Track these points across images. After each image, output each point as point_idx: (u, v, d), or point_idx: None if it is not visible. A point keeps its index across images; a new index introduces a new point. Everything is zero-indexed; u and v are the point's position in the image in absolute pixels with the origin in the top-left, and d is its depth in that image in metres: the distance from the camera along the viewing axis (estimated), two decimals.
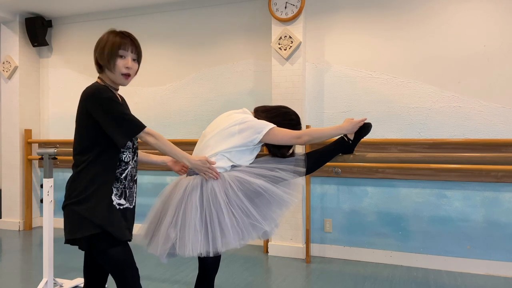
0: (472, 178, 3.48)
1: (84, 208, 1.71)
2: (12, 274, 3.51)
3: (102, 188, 1.73)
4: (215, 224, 1.83)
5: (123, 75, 1.79)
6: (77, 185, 1.74)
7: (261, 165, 2.00)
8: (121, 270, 1.76)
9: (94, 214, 1.70)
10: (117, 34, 1.80)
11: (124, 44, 1.78)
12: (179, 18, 4.63)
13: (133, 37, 1.84)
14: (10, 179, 5.10)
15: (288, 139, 1.95)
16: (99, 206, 1.71)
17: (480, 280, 3.31)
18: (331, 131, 2.02)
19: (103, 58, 1.77)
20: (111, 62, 1.76)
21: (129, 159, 1.82)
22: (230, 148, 1.94)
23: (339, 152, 2.13)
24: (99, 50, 1.79)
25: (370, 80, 3.82)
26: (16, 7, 4.80)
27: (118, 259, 1.75)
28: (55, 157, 2.87)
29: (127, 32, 1.84)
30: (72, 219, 1.74)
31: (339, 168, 3.85)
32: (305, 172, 2.01)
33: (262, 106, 2.17)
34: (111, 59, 1.76)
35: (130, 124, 1.73)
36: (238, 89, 4.35)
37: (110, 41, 1.77)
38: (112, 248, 1.72)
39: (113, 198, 1.75)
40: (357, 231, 3.84)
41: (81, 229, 1.70)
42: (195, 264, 3.42)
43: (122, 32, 1.82)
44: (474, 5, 3.53)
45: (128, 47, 1.80)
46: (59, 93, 5.23)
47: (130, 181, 1.84)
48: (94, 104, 1.71)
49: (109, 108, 1.70)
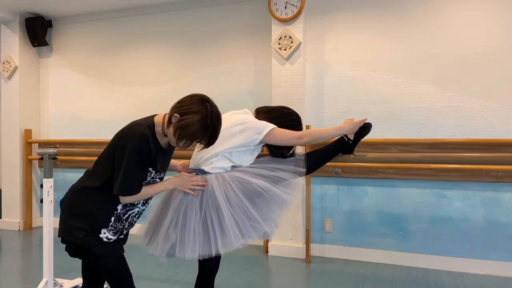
0: (472, 178, 3.48)
1: (79, 226, 1.74)
2: (12, 274, 3.51)
3: (101, 217, 1.77)
4: (216, 225, 1.83)
5: (178, 146, 1.74)
6: (82, 202, 1.77)
7: (261, 165, 2.00)
8: (116, 276, 1.78)
9: (87, 238, 1.74)
10: (209, 126, 1.66)
11: (204, 139, 1.69)
12: (179, 18, 4.63)
13: (217, 132, 1.71)
14: (10, 179, 5.09)
15: (288, 140, 1.95)
16: (92, 231, 1.75)
17: (480, 280, 3.31)
18: (332, 131, 2.01)
19: (177, 135, 1.66)
20: (181, 143, 1.68)
21: (140, 202, 1.84)
22: (230, 148, 1.94)
23: (339, 152, 2.13)
24: (183, 127, 1.64)
25: (370, 80, 3.82)
26: (16, 7, 4.80)
27: (113, 267, 1.77)
28: (55, 157, 2.86)
29: (218, 123, 1.70)
30: (67, 225, 1.78)
31: (339, 168, 3.85)
32: (305, 172, 2.01)
33: (263, 106, 2.16)
34: (182, 142, 1.68)
35: (126, 184, 1.69)
36: (238, 89, 4.35)
37: (198, 132, 1.65)
38: (106, 256, 1.76)
39: (102, 231, 1.77)
40: (357, 231, 3.84)
41: (73, 236, 1.75)
42: (195, 264, 3.42)
43: (213, 125, 1.68)
44: (474, 5, 3.53)
45: (205, 141, 1.71)
46: (59, 93, 5.23)
47: (134, 221, 1.88)
48: (122, 147, 1.68)
49: (127, 159, 1.66)
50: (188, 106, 1.65)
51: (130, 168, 1.66)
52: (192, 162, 2.05)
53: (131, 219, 1.85)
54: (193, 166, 2.02)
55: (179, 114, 1.65)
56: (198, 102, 1.66)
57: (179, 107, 1.67)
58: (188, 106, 1.65)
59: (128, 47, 4.86)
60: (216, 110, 1.69)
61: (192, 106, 1.65)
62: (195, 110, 1.64)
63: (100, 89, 4.96)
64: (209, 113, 1.65)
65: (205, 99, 1.69)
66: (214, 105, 1.70)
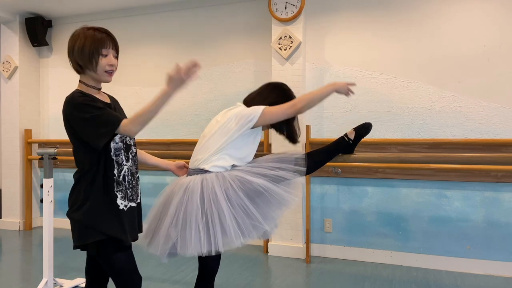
0: (472, 178, 3.48)
1: (85, 217, 1.68)
2: (12, 274, 3.51)
3: (102, 194, 1.70)
4: (216, 224, 1.83)
5: (106, 73, 1.77)
6: (77, 194, 1.71)
7: (261, 164, 2.00)
8: (122, 277, 1.75)
9: (97, 221, 1.67)
10: (94, 31, 1.72)
11: (104, 42, 1.73)
12: (179, 18, 4.63)
13: (110, 33, 1.78)
14: (10, 179, 5.09)
15: (283, 111, 1.93)
16: (101, 212, 1.69)
17: (480, 280, 3.31)
18: (323, 90, 2.00)
19: (84, 58, 1.72)
20: (93, 61, 1.71)
21: (123, 159, 1.77)
22: (229, 139, 1.93)
23: (340, 152, 2.13)
24: (77, 50, 1.72)
25: (370, 80, 3.82)
26: (16, 7, 4.80)
27: (121, 266, 1.73)
28: (55, 157, 2.87)
29: (103, 28, 1.77)
30: (76, 227, 1.72)
31: (339, 168, 3.85)
32: (305, 171, 2.01)
33: (248, 95, 2.13)
34: (93, 58, 1.71)
35: (104, 124, 1.65)
36: (238, 89, 4.35)
37: (89, 39, 1.70)
38: (116, 253, 1.71)
39: (118, 202, 1.72)
40: (357, 231, 3.84)
41: (86, 236, 1.69)
42: (195, 264, 3.42)
43: (99, 29, 1.75)
44: (474, 5, 3.53)
45: (109, 44, 1.75)
46: (59, 93, 5.23)
47: (132, 180, 1.81)
48: (70, 113, 1.70)
49: (82, 114, 1.66)
50: (75, 40, 1.74)
51: (90, 112, 1.66)
52: (192, 163, 2.05)
53: (128, 179, 1.80)
54: (193, 166, 2.02)
55: (71, 52, 1.75)
56: (79, 31, 1.75)
57: (70, 50, 1.76)
58: (74, 40, 1.74)
59: (128, 47, 4.86)
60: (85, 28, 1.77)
61: (77, 40, 1.73)
62: (78, 35, 1.74)
63: None
64: (86, 26, 1.75)
65: (84, 29, 1.76)
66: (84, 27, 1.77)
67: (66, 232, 4.74)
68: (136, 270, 1.79)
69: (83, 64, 1.74)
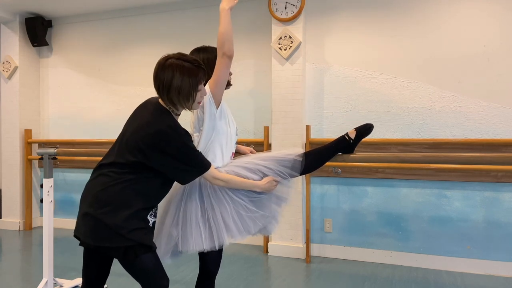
0: (472, 178, 3.48)
1: (120, 222, 1.63)
2: (12, 274, 3.51)
3: (142, 208, 1.70)
4: (218, 217, 1.85)
5: (199, 103, 1.75)
6: (114, 195, 1.66)
7: (258, 161, 2.01)
8: (148, 277, 1.72)
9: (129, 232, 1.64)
10: (190, 71, 1.64)
11: (201, 79, 1.67)
12: (179, 18, 4.63)
13: (202, 64, 1.71)
14: (10, 179, 5.09)
15: (219, 66, 1.86)
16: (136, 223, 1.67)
17: (480, 280, 3.31)
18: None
19: (181, 101, 1.67)
20: (190, 101, 1.69)
21: None
22: (203, 126, 1.93)
23: (340, 151, 2.13)
24: (174, 92, 1.65)
25: (370, 80, 3.82)
26: (16, 7, 4.80)
27: (148, 266, 1.71)
28: (55, 157, 2.87)
29: (195, 60, 1.69)
30: (105, 228, 1.65)
31: (339, 168, 3.85)
32: (300, 171, 2.01)
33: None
34: (191, 98, 1.68)
35: (199, 165, 1.71)
36: (238, 89, 4.34)
37: (186, 81, 1.64)
38: (144, 254, 1.69)
39: (148, 218, 1.75)
40: (357, 231, 3.84)
41: (117, 240, 1.65)
42: (195, 264, 3.42)
43: (193, 63, 1.67)
44: (474, 5, 3.53)
45: (203, 79, 1.69)
46: (59, 93, 5.23)
47: None
48: (167, 143, 1.64)
49: (183, 149, 1.66)
50: (170, 79, 1.65)
51: (188, 151, 1.67)
52: None
53: None
54: None
55: (165, 90, 1.67)
56: (162, 68, 1.68)
57: (165, 87, 1.67)
58: (170, 79, 1.65)
59: (128, 47, 4.86)
60: (170, 56, 1.69)
61: (172, 79, 1.65)
62: (167, 74, 1.65)
63: (100, 89, 4.96)
64: (173, 64, 1.65)
65: (161, 63, 1.69)
66: (167, 56, 1.71)
67: (66, 232, 4.76)
68: (163, 271, 1.78)
69: (178, 104, 1.71)
